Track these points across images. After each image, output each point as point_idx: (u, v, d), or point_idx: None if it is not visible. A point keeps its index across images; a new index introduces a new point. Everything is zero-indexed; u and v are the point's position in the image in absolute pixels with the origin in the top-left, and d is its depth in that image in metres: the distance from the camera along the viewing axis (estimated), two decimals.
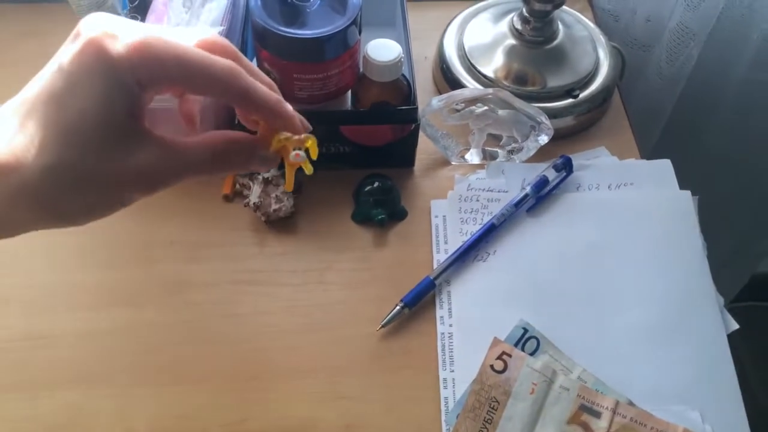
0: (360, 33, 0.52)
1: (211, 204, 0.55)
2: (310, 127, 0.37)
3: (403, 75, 0.54)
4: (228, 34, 0.52)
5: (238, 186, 0.55)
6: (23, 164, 0.29)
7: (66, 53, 0.30)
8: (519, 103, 0.55)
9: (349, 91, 0.55)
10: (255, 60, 0.54)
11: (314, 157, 0.37)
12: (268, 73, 0.51)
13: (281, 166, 0.37)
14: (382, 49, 0.51)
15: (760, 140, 0.78)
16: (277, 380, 0.47)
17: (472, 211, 0.55)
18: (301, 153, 0.36)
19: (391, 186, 0.55)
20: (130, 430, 0.45)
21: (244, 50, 0.56)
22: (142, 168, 0.31)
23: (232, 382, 0.47)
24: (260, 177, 0.53)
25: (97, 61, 0.29)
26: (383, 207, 0.54)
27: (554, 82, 0.60)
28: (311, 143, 0.36)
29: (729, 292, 1.10)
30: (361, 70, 0.53)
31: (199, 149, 0.33)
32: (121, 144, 0.30)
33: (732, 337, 0.49)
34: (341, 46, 0.50)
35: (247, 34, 0.56)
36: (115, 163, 0.30)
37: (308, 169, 0.37)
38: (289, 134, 0.36)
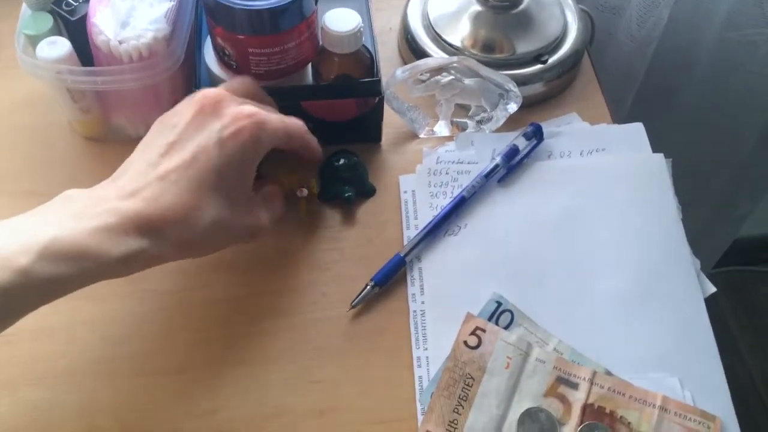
0: (317, 2, 0.49)
1: None
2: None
3: (365, 46, 0.52)
4: (179, 9, 0.50)
5: None
6: (194, 219, 0.39)
7: (221, 131, 0.40)
8: (486, 71, 0.54)
9: (310, 66, 0.53)
10: (209, 37, 0.52)
11: (315, 192, 0.52)
12: (222, 49, 0.50)
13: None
14: (340, 19, 0.49)
15: (735, 100, 0.77)
16: (247, 367, 0.45)
17: (441, 185, 0.53)
18: (305, 190, 0.51)
19: (358, 162, 0.53)
20: (96, 427, 0.43)
21: (198, 27, 0.53)
22: (254, 221, 0.44)
23: (201, 371, 0.45)
24: None
25: (252, 146, 0.41)
26: (350, 184, 0.52)
27: (522, 48, 0.58)
28: (313, 182, 0.52)
29: (712, 257, 1.10)
30: (320, 42, 0.51)
31: (277, 207, 0.48)
32: (246, 204, 0.43)
33: (717, 302, 0.48)
34: (297, 16, 0.47)
35: (201, 8, 0.54)
36: (242, 217, 0.43)
37: (315, 199, 0.52)
38: (293, 177, 0.50)
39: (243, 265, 0.50)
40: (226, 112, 0.41)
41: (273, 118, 0.43)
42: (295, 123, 0.46)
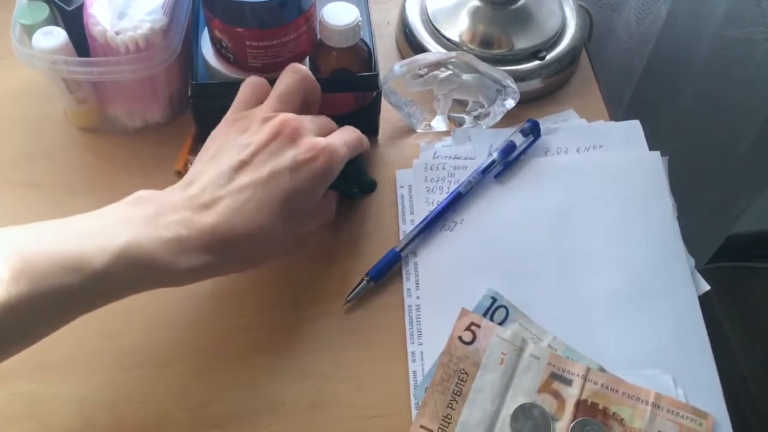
0: None
1: (164, 180, 0.52)
2: None
3: (363, 40, 0.52)
4: (176, 1, 0.50)
5: (191, 163, 0.53)
6: (261, 239, 0.41)
7: (296, 158, 0.42)
8: (484, 66, 0.54)
9: (307, 59, 0.53)
10: (206, 29, 0.51)
11: None
12: (219, 42, 0.49)
13: None
14: (338, 12, 0.49)
15: (733, 98, 0.77)
16: (241, 361, 0.45)
17: (438, 180, 0.53)
18: None
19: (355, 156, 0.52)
20: (90, 419, 0.43)
21: (195, 19, 0.53)
22: (307, 231, 0.46)
23: (194, 363, 0.45)
24: None
25: (322, 175, 0.43)
26: (350, 178, 0.50)
27: (520, 44, 0.58)
28: None
29: (706, 253, 1.11)
30: (318, 36, 0.51)
31: (327, 213, 0.49)
32: (303, 220, 0.45)
33: (710, 298, 0.48)
34: (295, 10, 0.47)
35: (198, 1, 0.53)
36: (298, 231, 0.44)
37: None
38: None
39: None
40: (302, 141, 0.42)
41: (341, 147, 0.45)
42: (354, 140, 0.47)
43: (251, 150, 0.41)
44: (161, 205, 0.39)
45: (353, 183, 0.51)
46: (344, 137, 0.46)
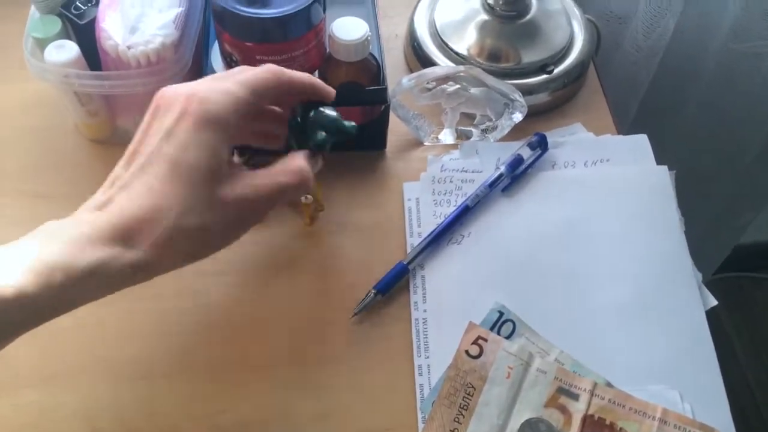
0: (325, 11, 0.50)
1: None
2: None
3: (372, 54, 0.52)
4: (188, 15, 0.50)
5: None
6: (157, 218, 0.36)
7: (168, 122, 0.37)
8: (492, 80, 0.54)
9: (316, 73, 0.53)
10: (217, 43, 0.52)
11: (320, 199, 0.51)
12: (230, 56, 0.50)
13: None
14: (348, 27, 0.49)
15: (739, 111, 0.78)
16: (249, 371, 0.46)
17: (445, 193, 0.53)
18: (309, 197, 0.50)
19: (330, 110, 0.44)
20: (96, 429, 0.43)
21: (205, 33, 0.54)
22: (248, 197, 0.39)
23: (203, 374, 0.46)
24: None
25: (201, 126, 0.37)
26: (314, 127, 0.43)
27: (528, 57, 0.58)
28: (317, 189, 0.50)
29: (712, 264, 1.10)
30: (327, 50, 0.52)
31: (284, 173, 0.41)
32: (229, 184, 0.38)
33: (716, 309, 0.48)
34: (305, 25, 0.48)
35: (209, 15, 0.54)
36: (227, 200, 0.38)
37: (321, 207, 0.52)
38: None
39: (246, 269, 0.50)
40: (175, 102, 0.38)
41: (221, 85, 0.38)
42: (255, 76, 0.40)
43: (136, 138, 0.39)
44: (62, 221, 0.37)
45: (319, 131, 0.43)
46: (234, 77, 0.39)
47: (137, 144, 0.38)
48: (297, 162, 0.42)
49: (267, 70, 0.40)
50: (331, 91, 0.44)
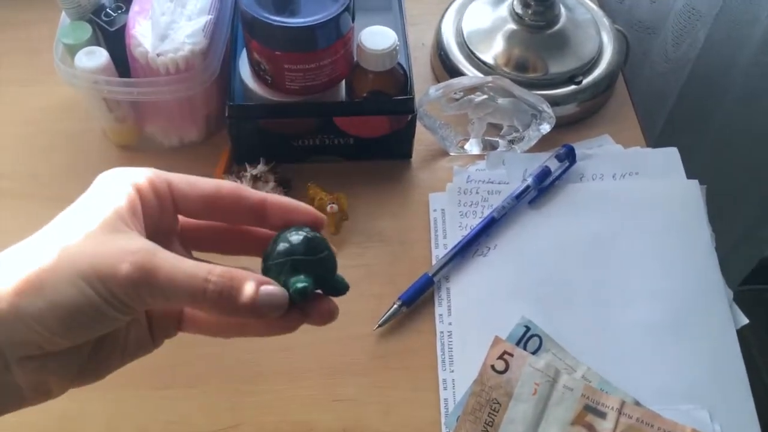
0: (353, 20, 0.49)
1: None
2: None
3: (399, 63, 0.52)
4: (216, 23, 0.50)
5: None
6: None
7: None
8: (519, 90, 0.53)
9: (343, 81, 0.53)
10: (245, 51, 0.52)
11: (345, 209, 0.51)
12: (258, 64, 0.50)
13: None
14: (376, 36, 0.49)
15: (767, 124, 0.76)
16: (271, 383, 0.45)
17: (471, 204, 0.53)
18: (334, 206, 0.50)
19: (320, 241, 0.34)
20: None
21: (233, 41, 0.54)
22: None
23: (224, 385, 0.45)
24: (248, 174, 0.51)
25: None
26: (310, 273, 0.33)
27: (556, 68, 0.58)
28: (342, 199, 0.51)
29: (737, 277, 1.09)
30: (355, 58, 0.51)
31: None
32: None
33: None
34: (333, 34, 0.48)
35: (237, 23, 0.54)
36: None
37: (345, 216, 0.52)
38: (323, 194, 0.50)
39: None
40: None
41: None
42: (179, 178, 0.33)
43: None
44: None
45: (309, 276, 0.33)
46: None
47: None
48: (230, 278, 0.30)
49: (220, 185, 0.33)
50: (315, 213, 0.35)
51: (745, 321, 0.47)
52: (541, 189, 0.53)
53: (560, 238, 0.51)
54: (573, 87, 0.57)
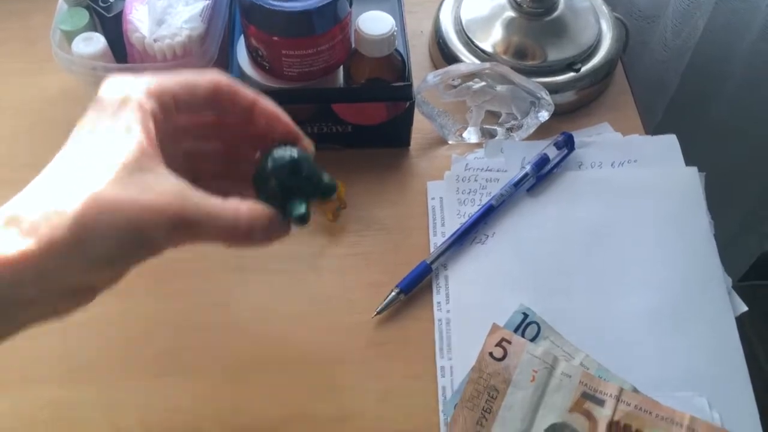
0: (351, 5, 0.49)
1: None
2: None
3: (397, 50, 0.52)
4: (214, 8, 0.50)
5: None
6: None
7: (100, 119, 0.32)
8: (518, 78, 0.53)
9: (341, 68, 0.53)
10: (243, 37, 0.51)
11: (342, 197, 0.51)
12: (255, 50, 0.49)
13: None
14: (374, 22, 0.49)
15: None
16: (270, 370, 0.45)
17: (470, 192, 0.53)
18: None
19: (305, 160, 0.35)
20: (118, 425, 0.43)
21: (231, 26, 0.53)
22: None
23: (224, 372, 0.45)
24: None
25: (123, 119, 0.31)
26: (300, 190, 0.35)
27: (555, 55, 0.57)
28: (340, 187, 0.49)
29: (737, 271, 1.09)
30: (353, 44, 0.51)
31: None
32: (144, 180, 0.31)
33: (740, 316, 0.47)
34: (331, 19, 0.47)
35: (235, 9, 0.53)
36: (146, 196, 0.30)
37: (343, 204, 0.51)
38: None
39: (266, 267, 0.50)
40: (107, 99, 0.33)
41: (153, 78, 0.33)
42: (159, 85, 0.33)
43: None
44: None
45: (302, 197, 0.35)
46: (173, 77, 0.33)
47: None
48: (253, 218, 0.33)
49: (211, 78, 0.34)
50: (294, 127, 0.36)
51: (744, 308, 0.47)
52: (539, 177, 0.52)
53: (559, 226, 0.51)
54: (572, 74, 0.57)
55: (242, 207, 0.32)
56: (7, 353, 0.45)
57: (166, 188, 0.30)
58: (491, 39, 0.58)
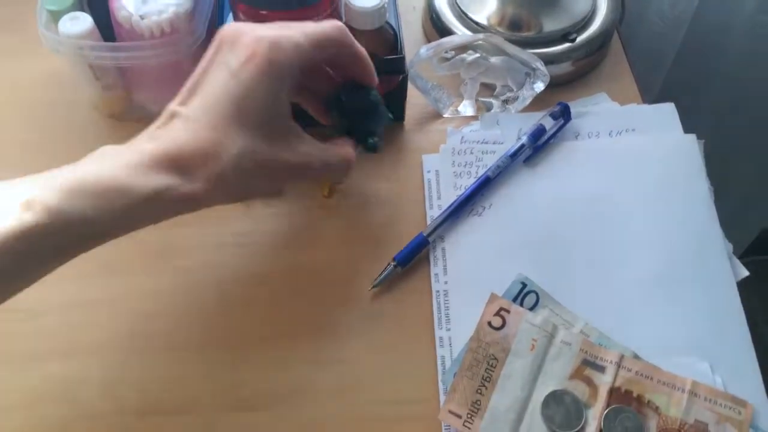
0: None
1: None
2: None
3: (389, 23, 0.51)
4: None
5: None
6: (218, 153, 0.36)
7: (235, 61, 0.37)
8: (512, 49, 0.53)
9: None
10: (231, 15, 0.51)
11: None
12: None
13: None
14: None
15: (766, 83, 0.75)
16: (268, 345, 0.45)
17: (465, 165, 0.52)
18: None
19: (377, 101, 0.45)
20: (120, 400, 0.43)
21: (219, 4, 0.53)
22: (300, 158, 0.41)
23: (222, 347, 0.45)
24: None
25: (268, 70, 0.37)
26: (369, 124, 0.46)
27: (550, 26, 0.57)
28: None
29: (738, 247, 1.08)
30: (343, 18, 0.50)
31: (335, 154, 0.43)
32: (286, 138, 0.40)
33: (741, 292, 0.47)
34: None
35: None
36: (283, 153, 0.39)
37: (339, 180, 0.52)
38: None
39: (264, 242, 0.49)
40: (240, 42, 0.38)
41: (289, 33, 0.38)
42: (322, 30, 0.40)
43: (196, 72, 0.39)
44: (119, 147, 0.38)
45: (369, 128, 0.46)
46: (302, 28, 0.39)
47: (198, 77, 0.39)
48: (348, 150, 0.44)
49: (334, 26, 0.40)
50: (375, 77, 0.44)
51: (746, 273, 0.47)
52: (536, 147, 0.52)
53: (556, 196, 0.50)
54: (567, 45, 0.56)
55: (349, 151, 0.44)
56: (12, 332, 0.45)
57: (303, 149, 0.41)
58: (485, 11, 0.58)
